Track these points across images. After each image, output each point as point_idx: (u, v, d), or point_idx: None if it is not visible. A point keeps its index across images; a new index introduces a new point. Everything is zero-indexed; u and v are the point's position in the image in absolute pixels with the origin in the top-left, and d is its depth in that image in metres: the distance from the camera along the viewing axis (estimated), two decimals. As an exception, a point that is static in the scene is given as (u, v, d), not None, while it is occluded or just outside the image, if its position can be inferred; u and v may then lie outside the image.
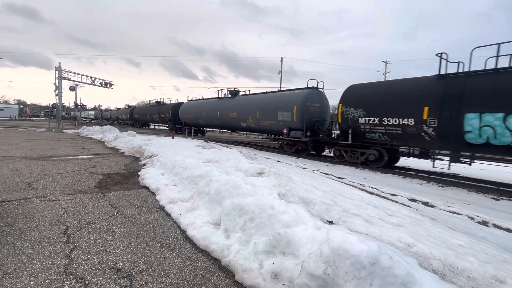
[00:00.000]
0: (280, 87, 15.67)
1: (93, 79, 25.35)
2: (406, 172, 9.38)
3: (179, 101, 28.21)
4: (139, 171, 6.41)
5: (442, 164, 8.40)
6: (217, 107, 18.96)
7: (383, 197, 5.49)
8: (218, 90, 19.65)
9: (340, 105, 10.74)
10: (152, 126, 40.95)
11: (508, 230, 4.14)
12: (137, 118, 37.88)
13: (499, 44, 7.01)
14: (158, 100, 31.97)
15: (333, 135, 12.66)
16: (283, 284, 2.12)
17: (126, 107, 46.95)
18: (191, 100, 24.86)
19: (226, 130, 21.44)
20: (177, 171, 5.44)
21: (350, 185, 6.50)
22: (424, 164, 11.26)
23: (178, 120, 25.61)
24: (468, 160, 7.90)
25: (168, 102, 29.99)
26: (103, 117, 55.77)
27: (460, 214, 4.76)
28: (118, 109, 52.89)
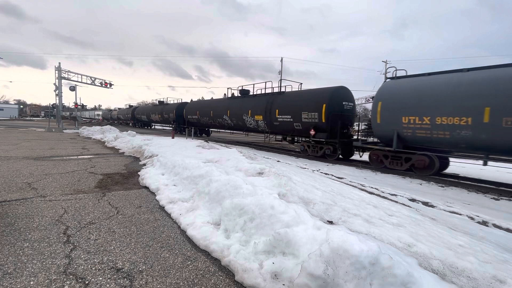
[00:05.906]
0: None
1: (93, 79, 25.33)
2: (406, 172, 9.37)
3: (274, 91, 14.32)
4: (139, 171, 6.41)
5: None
6: None
7: (383, 197, 5.49)
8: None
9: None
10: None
11: (508, 230, 4.14)
12: (201, 122, 21.47)
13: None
14: (244, 87, 17.36)
15: None
16: (283, 284, 2.12)
17: (156, 103, 33.03)
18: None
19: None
20: (177, 171, 5.44)
21: (350, 185, 6.50)
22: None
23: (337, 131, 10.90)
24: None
25: (258, 92, 15.53)
26: (112, 118, 51.19)
27: (460, 214, 4.76)
28: (150, 104, 36.24)
